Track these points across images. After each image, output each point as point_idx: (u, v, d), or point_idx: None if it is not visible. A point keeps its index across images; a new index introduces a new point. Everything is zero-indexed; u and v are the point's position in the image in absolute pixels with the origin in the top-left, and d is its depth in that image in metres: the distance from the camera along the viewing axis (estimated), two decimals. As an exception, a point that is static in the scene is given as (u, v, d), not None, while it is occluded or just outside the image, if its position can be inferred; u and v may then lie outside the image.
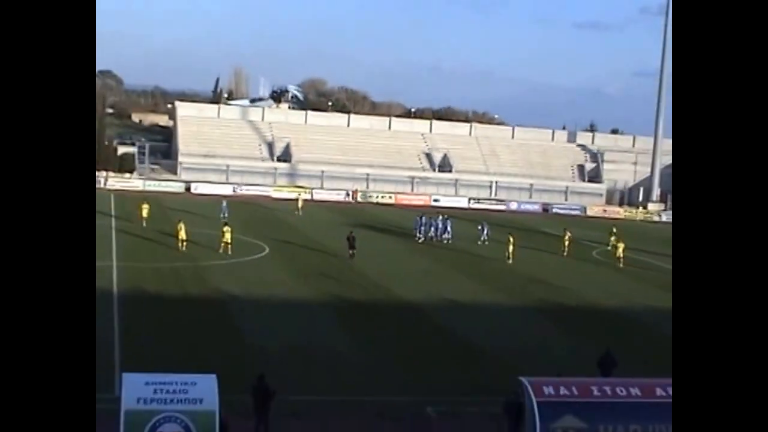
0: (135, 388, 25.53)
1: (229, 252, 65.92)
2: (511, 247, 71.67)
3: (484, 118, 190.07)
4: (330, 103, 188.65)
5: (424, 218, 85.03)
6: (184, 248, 65.94)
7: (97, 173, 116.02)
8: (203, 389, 25.70)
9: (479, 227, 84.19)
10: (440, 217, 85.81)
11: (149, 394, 25.30)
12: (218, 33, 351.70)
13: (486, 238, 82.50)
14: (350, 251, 67.33)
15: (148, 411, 24.96)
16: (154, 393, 25.35)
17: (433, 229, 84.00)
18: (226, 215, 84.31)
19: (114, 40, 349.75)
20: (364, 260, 67.44)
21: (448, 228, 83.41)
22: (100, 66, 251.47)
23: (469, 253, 76.15)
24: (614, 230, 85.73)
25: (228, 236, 66.97)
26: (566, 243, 79.79)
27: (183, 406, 25.19)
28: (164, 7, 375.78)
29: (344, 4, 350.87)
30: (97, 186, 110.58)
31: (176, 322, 45.33)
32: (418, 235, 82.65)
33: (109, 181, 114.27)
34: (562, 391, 27.75)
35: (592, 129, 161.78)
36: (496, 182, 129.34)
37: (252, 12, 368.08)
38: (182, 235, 66.85)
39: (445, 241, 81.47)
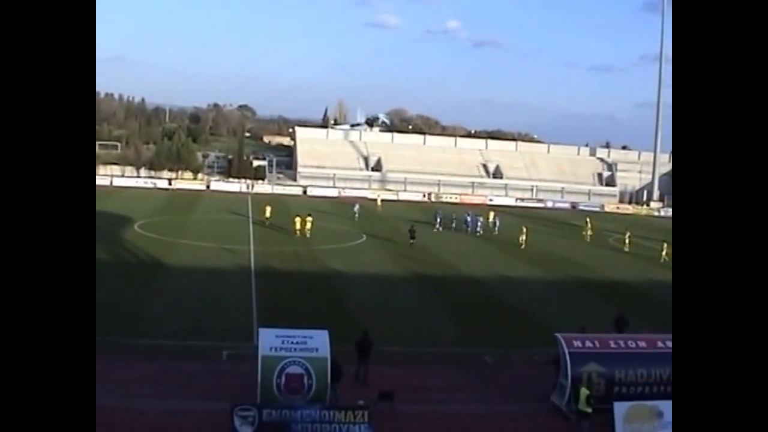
0: (269, 340, 25.98)
1: (308, 236, 66.43)
2: (523, 236, 70.22)
3: (527, 138, 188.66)
4: (410, 127, 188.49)
5: (454, 214, 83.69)
6: (307, 235, 66.23)
7: (236, 180, 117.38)
8: (318, 341, 26.09)
9: (490, 220, 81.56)
10: (472, 213, 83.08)
11: (279, 344, 25.75)
12: (327, 75, 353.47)
13: (498, 227, 79.63)
14: (411, 240, 66.39)
15: (279, 357, 25.41)
16: (282, 343, 25.80)
17: (455, 221, 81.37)
18: (357, 216, 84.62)
19: (250, 82, 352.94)
20: (434, 243, 67.59)
21: (479, 222, 79.77)
22: (239, 101, 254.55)
23: (495, 239, 74.77)
24: (588, 219, 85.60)
25: (309, 224, 67.54)
26: (588, 232, 79.17)
27: (304, 354, 25.58)
28: (285, 56, 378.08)
29: (422, 61, 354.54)
30: (237, 191, 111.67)
31: (297, 290, 45.74)
32: (436, 226, 79.47)
33: (247, 187, 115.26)
34: (587, 344, 27.78)
35: (607, 146, 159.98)
36: (536, 186, 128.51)
37: (351, 59, 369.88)
38: (297, 225, 67.58)
39: (478, 233, 77.81)
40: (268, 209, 76.48)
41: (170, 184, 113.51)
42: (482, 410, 27.71)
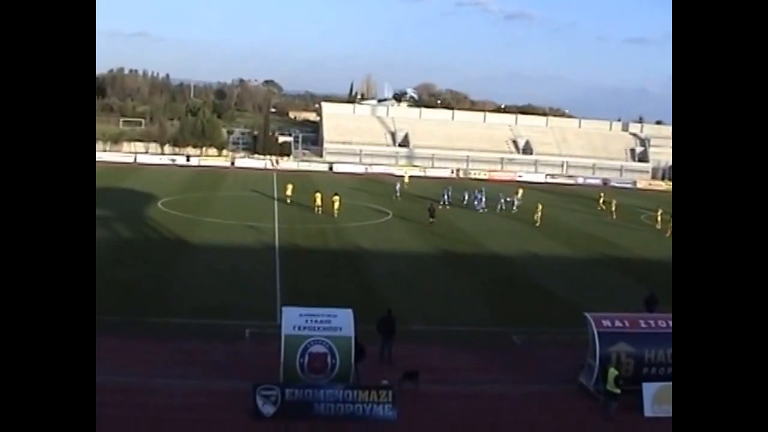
0: (292, 319, 26.06)
1: (336, 215, 65.58)
2: (538, 213, 69.53)
3: (557, 112, 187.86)
4: (439, 102, 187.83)
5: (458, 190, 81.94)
6: (335, 215, 65.69)
7: (261, 157, 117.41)
8: (342, 320, 26.14)
9: (508, 198, 79.28)
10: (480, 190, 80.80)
11: (302, 323, 25.83)
12: (354, 49, 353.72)
13: (516, 205, 78.08)
14: (431, 219, 65.39)
15: (302, 336, 25.49)
16: (306, 322, 25.87)
17: (468, 198, 79.59)
18: (399, 194, 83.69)
19: (276, 56, 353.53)
20: (462, 221, 67.57)
21: (483, 198, 78.17)
22: (265, 77, 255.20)
23: (514, 217, 72.66)
24: (602, 194, 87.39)
25: (337, 204, 66.79)
26: (613, 209, 78.70)
27: (327, 333, 25.65)
28: (312, 32, 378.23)
29: (452, 34, 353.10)
30: (262, 167, 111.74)
31: (322, 268, 45.86)
32: (444, 202, 77.33)
33: (272, 163, 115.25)
34: (617, 323, 27.63)
35: (640, 120, 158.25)
36: (567, 162, 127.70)
37: (380, 33, 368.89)
38: (318, 201, 67.79)
39: (482, 210, 76.54)
40: (290, 187, 76.05)
41: (188, 160, 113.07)
42: (509, 391, 27.71)
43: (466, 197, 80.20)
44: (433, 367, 28.44)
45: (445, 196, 79.15)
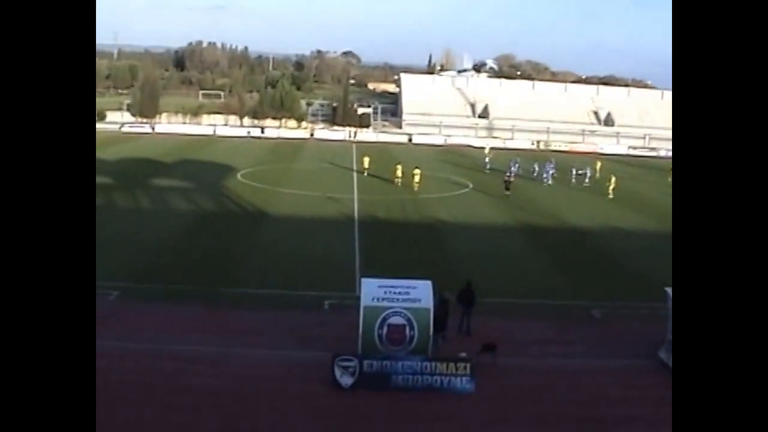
0: (371, 290, 26.21)
1: (416, 189, 64.72)
2: (612, 185, 68.18)
3: (639, 84, 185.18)
4: (519, 73, 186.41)
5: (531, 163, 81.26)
6: (416, 189, 65.05)
7: (340, 128, 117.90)
8: (421, 292, 26.19)
9: (580, 171, 77.73)
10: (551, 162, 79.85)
11: (381, 294, 25.95)
12: (433, 20, 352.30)
13: (588, 177, 76.79)
14: (506, 192, 65.06)
15: (381, 307, 25.63)
16: (385, 294, 25.99)
17: (537, 170, 78.11)
18: (489, 166, 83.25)
19: (355, 28, 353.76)
20: (538, 193, 67.21)
21: (551, 170, 77.16)
22: (343, 48, 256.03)
23: (588, 189, 69.49)
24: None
25: (417, 177, 65.73)
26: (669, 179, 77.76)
27: (406, 304, 25.74)
28: (390, 3, 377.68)
29: (532, 4, 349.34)
30: (341, 139, 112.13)
31: (401, 239, 46.07)
32: (509, 174, 72.80)
33: (350, 135, 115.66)
34: (699, 298, 27.18)
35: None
36: (649, 134, 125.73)
37: (459, 3, 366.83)
38: (399, 173, 67.88)
39: (547, 183, 75.33)
40: (367, 160, 76.43)
41: (262, 132, 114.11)
42: (587, 365, 27.53)
43: (536, 169, 79.03)
44: (512, 340, 28.41)
45: (512, 168, 77.73)
